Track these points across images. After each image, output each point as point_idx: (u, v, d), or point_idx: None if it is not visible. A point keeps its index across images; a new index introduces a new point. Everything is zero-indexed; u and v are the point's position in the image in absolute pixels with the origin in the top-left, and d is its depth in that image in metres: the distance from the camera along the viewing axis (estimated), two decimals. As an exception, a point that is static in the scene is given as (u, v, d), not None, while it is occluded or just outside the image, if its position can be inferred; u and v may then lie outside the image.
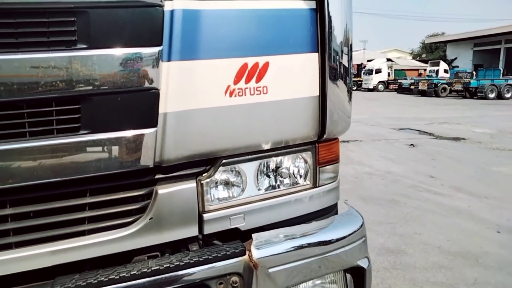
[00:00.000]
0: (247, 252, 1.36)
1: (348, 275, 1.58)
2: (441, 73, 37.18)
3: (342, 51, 1.50)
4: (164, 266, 1.27)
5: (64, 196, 1.22)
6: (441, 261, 3.71)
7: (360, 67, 45.33)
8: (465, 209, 5.12)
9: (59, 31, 1.09)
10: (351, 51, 1.55)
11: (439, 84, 31.42)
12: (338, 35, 1.46)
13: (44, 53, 1.09)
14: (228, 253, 1.34)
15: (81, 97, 1.14)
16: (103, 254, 1.28)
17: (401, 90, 35.74)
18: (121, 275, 1.23)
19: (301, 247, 1.43)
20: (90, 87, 1.14)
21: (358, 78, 43.16)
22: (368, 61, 46.96)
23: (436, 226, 4.59)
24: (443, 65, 39.31)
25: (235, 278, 1.34)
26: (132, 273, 1.23)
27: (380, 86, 40.18)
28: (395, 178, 6.69)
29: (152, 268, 1.26)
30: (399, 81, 38.56)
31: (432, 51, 65.20)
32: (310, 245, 1.44)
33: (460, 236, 4.29)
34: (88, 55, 1.12)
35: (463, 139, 10.68)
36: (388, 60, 44.65)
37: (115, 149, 1.20)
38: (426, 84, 32.05)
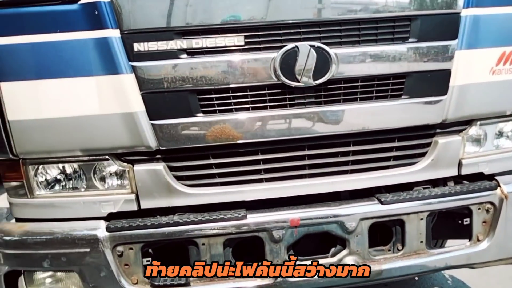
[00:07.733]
0: (499, 188, 1.89)
1: None
2: None
3: None
4: (446, 192, 1.86)
5: (384, 141, 1.85)
6: None
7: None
8: None
9: (400, 31, 1.71)
10: None
11: None
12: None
13: (389, 45, 1.72)
14: (486, 187, 1.89)
15: (407, 73, 1.75)
16: (400, 182, 1.89)
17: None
18: (416, 196, 1.84)
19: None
20: (413, 68, 1.74)
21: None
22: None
23: None
24: None
25: (489, 206, 1.90)
26: (427, 194, 1.84)
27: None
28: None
29: (439, 193, 1.86)
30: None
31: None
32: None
33: None
34: (416, 46, 1.73)
35: None
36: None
37: (422, 109, 1.81)
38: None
